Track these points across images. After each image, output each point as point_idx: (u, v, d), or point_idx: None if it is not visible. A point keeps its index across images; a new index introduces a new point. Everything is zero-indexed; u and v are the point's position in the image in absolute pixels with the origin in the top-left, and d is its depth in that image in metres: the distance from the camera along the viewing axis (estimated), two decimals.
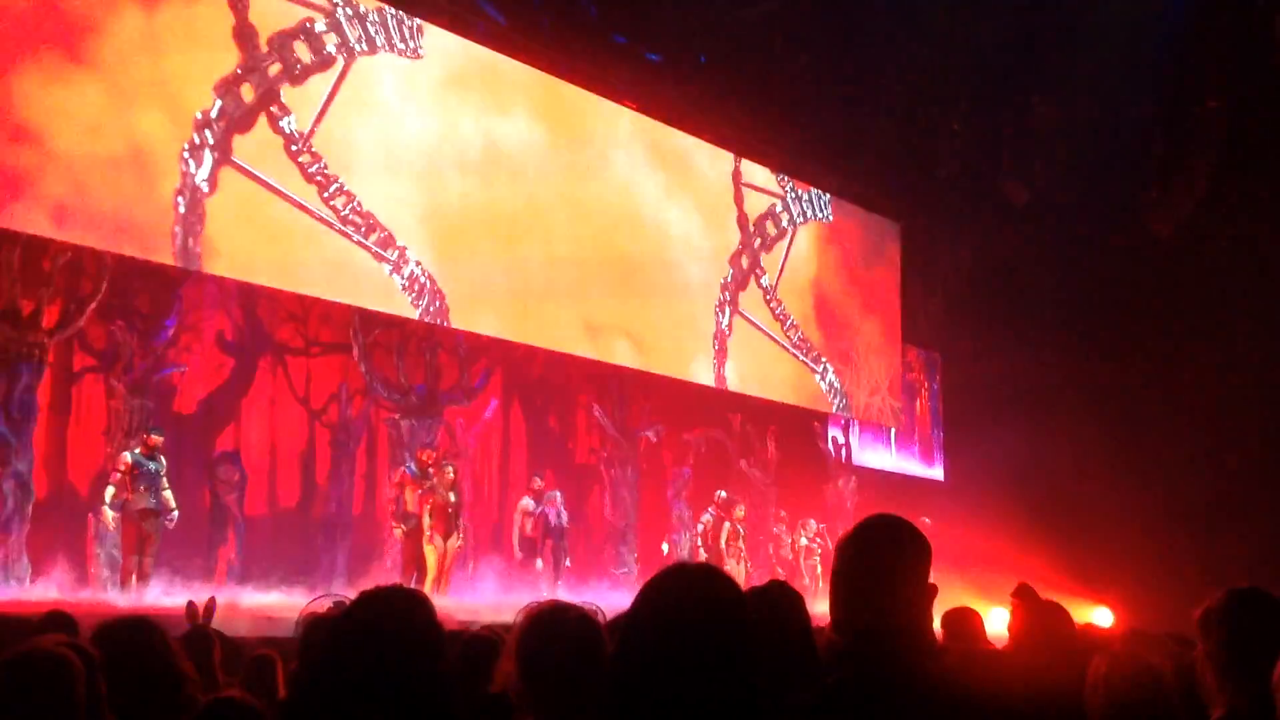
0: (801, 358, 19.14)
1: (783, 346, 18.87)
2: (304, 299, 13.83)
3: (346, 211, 13.35)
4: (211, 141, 12.27)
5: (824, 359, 19.54)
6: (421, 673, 2.40)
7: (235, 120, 12.51)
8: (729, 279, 18.11)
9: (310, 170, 13.12)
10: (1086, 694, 3.50)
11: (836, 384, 19.68)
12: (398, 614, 2.46)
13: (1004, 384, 20.08)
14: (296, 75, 13.08)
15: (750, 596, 3.36)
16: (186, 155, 12.08)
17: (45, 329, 11.58)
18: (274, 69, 12.90)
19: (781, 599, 3.34)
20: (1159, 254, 19.48)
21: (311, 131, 13.14)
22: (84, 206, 11.37)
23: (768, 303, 18.74)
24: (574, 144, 16.08)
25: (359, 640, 2.41)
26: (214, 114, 12.31)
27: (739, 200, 18.46)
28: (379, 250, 13.60)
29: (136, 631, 3.66)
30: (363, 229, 13.47)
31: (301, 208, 12.99)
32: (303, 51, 13.15)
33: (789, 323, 19.00)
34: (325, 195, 13.21)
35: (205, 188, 12.17)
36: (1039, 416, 19.04)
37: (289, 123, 12.98)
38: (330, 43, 13.39)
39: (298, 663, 2.51)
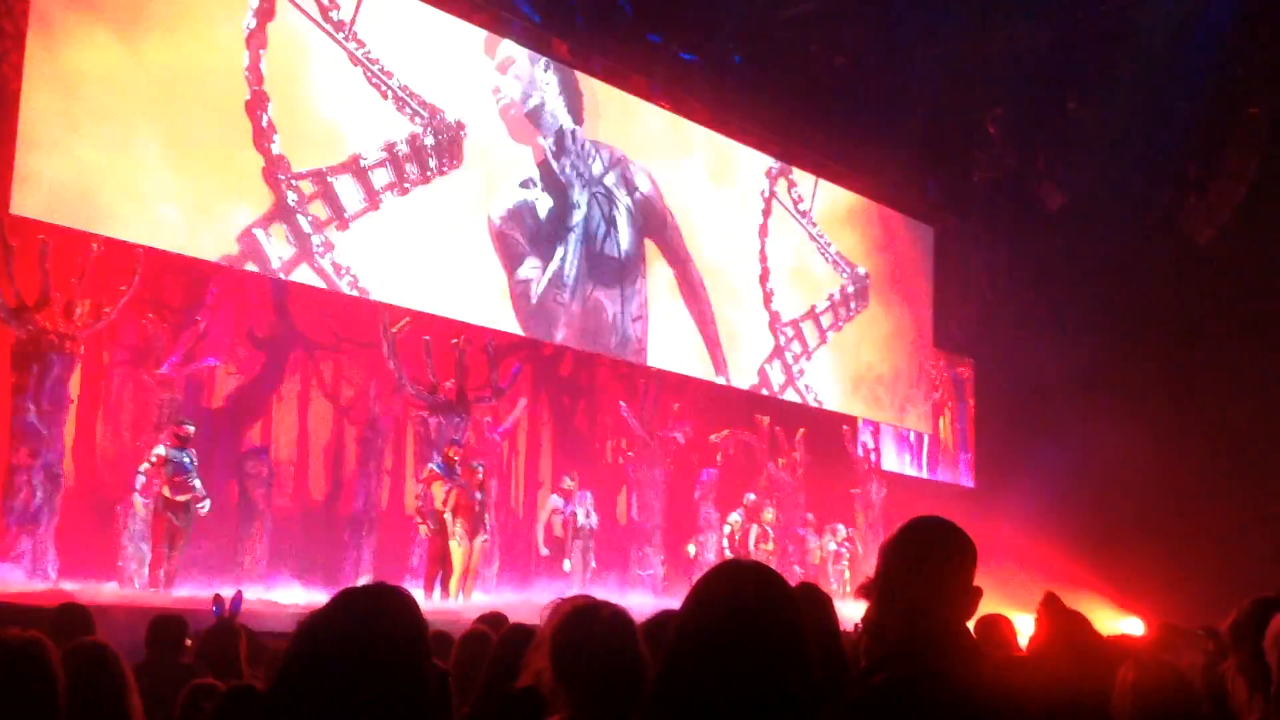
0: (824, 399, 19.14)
1: (808, 392, 18.83)
2: (335, 295, 13.85)
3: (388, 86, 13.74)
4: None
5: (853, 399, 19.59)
6: (400, 674, 2.33)
7: None
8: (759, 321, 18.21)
9: (358, 54, 13.54)
10: (1114, 702, 3.45)
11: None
12: (373, 613, 2.39)
13: (1037, 390, 19.93)
14: None
15: None
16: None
17: (77, 321, 11.62)
18: None
19: (809, 601, 3.32)
20: (1197, 260, 19.29)
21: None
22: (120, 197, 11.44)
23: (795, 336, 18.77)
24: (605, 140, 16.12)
25: (332, 640, 2.35)
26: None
27: (765, 225, 18.42)
28: (419, 110, 14.02)
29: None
30: (404, 101, 13.88)
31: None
32: None
33: (816, 359, 19.03)
34: (369, 75, 13.60)
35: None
36: (1072, 424, 18.90)
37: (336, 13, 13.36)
38: None
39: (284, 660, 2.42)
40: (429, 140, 14.05)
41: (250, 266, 12.71)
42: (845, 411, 19.60)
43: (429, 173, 14.04)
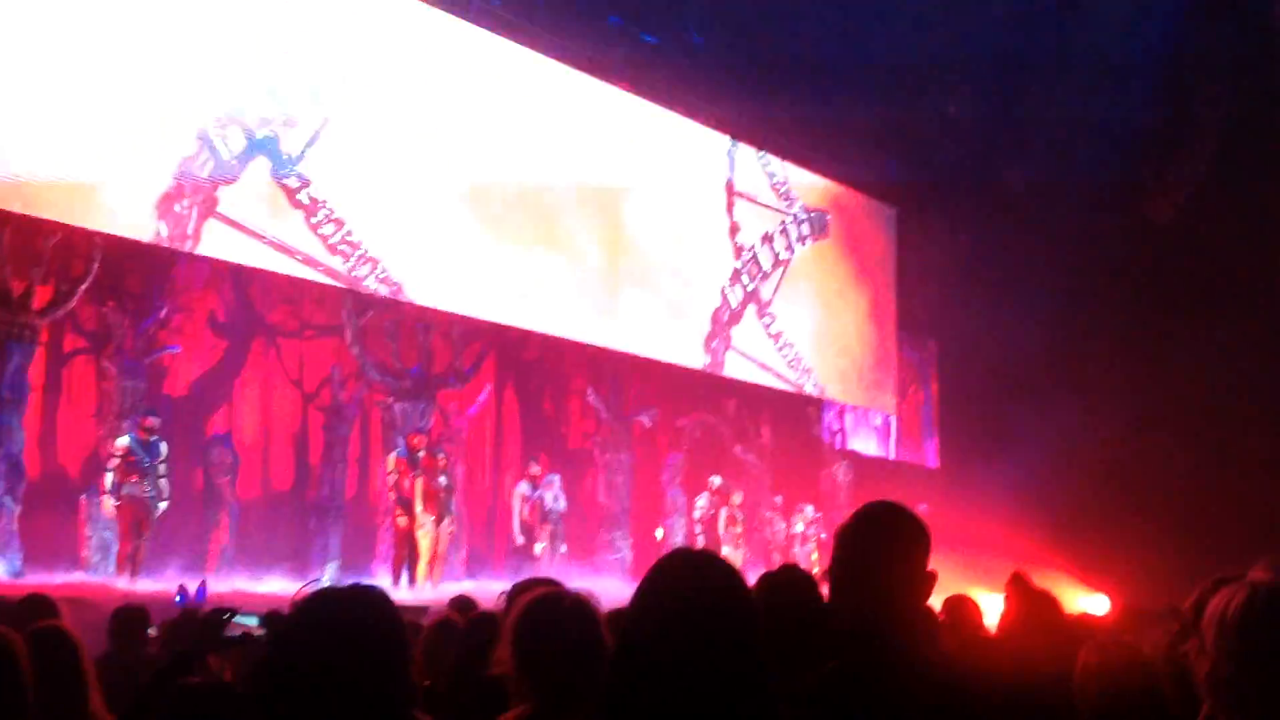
0: (790, 381, 19.06)
1: (775, 373, 18.81)
2: (297, 281, 13.76)
3: None
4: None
5: (818, 380, 19.52)
6: (375, 676, 2.33)
7: None
8: (723, 302, 18.12)
9: None
10: (1076, 684, 3.47)
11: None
12: (349, 616, 2.38)
13: (1000, 371, 20.03)
14: None
15: (762, 581, 3.35)
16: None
17: (37, 309, 11.52)
18: None
19: (793, 583, 3.32)
20: (1158, 240, 19.41)
21: None
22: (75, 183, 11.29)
23: (760, 318, 18.67)
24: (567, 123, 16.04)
25: (307, 644, 2.34)
26: None
27: (730, 209, 18.38)
28: None
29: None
30: None
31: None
32: None
33: (781, 341, 18.89)
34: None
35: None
36: (1037, 404, 19.00)
37: None
38: None
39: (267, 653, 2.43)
40: None
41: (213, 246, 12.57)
42: (811, 393, 19.65)
43: None
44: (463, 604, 5.88)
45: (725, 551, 15.03)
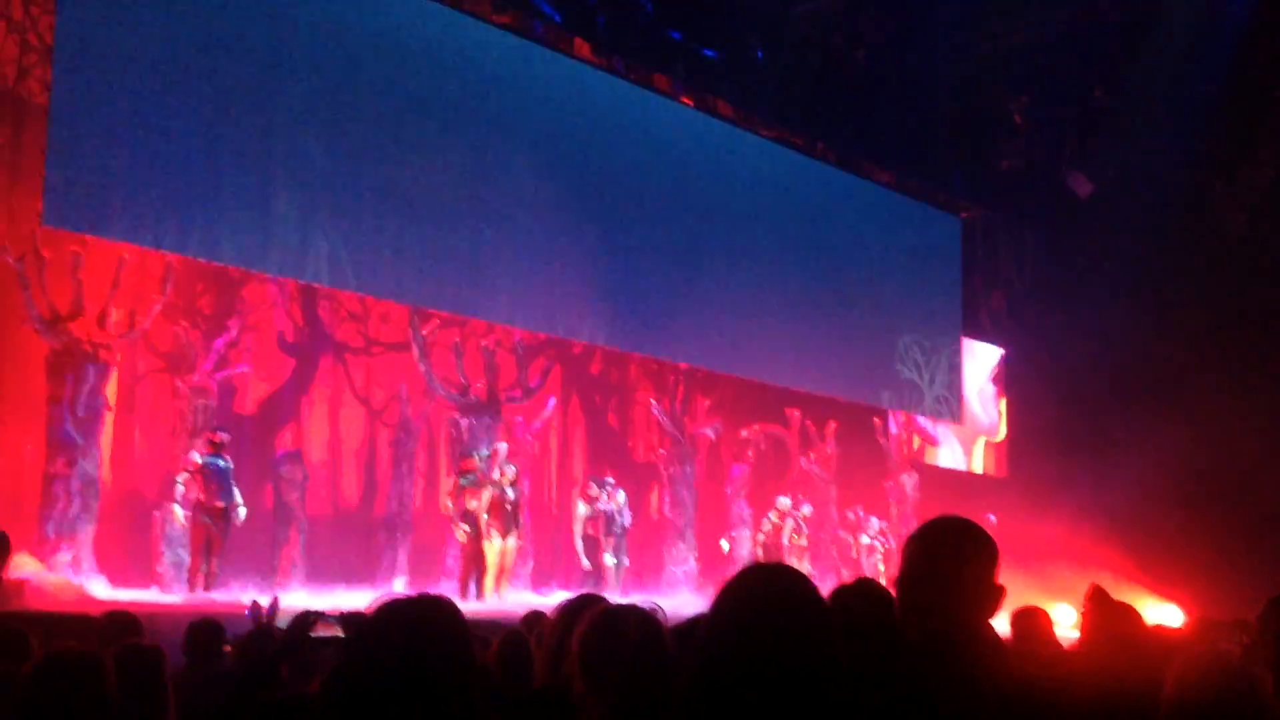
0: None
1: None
2: (364, 299, 13.91)
3: None
4: None
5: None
6: (441, 685, 2.36)
7: None
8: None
9: None
10: (1170, 697, 3.38)
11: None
12: (415, 625, 2.41)
13: (1068, 379, 19.81)
14: None
15: (835, 594, 3.33)
16: None
17: (111, 330, 11.72)
18: None
19: (866, 596, 3.29)
20: (1229, 245, 19.12)
21: None
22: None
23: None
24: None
25: (376, 654, 2.37)
26: None
27: None
28: None
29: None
30: None
31: None
32: None
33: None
34: None
35: None
36: (1103, 412, 18.77)
37: None
38: None
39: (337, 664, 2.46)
40: None
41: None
42: (876, 403, 19.52)
43: None
44: (534, 619, 5.89)
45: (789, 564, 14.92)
